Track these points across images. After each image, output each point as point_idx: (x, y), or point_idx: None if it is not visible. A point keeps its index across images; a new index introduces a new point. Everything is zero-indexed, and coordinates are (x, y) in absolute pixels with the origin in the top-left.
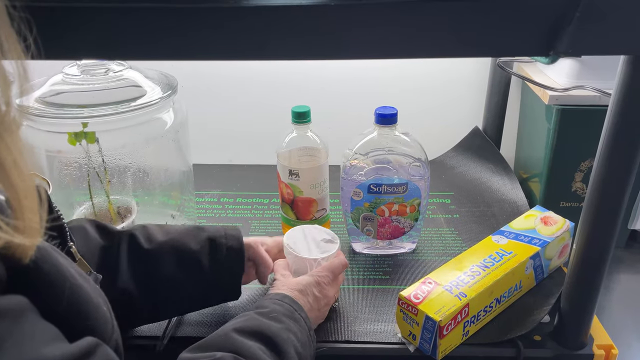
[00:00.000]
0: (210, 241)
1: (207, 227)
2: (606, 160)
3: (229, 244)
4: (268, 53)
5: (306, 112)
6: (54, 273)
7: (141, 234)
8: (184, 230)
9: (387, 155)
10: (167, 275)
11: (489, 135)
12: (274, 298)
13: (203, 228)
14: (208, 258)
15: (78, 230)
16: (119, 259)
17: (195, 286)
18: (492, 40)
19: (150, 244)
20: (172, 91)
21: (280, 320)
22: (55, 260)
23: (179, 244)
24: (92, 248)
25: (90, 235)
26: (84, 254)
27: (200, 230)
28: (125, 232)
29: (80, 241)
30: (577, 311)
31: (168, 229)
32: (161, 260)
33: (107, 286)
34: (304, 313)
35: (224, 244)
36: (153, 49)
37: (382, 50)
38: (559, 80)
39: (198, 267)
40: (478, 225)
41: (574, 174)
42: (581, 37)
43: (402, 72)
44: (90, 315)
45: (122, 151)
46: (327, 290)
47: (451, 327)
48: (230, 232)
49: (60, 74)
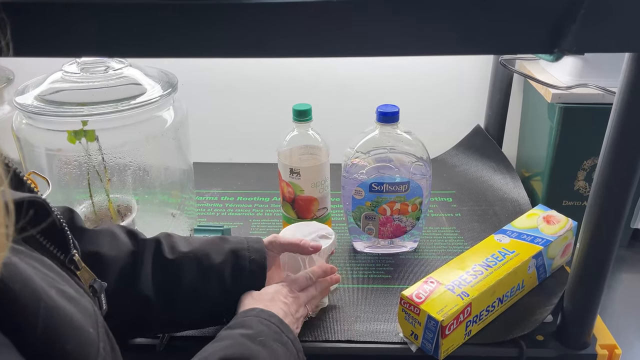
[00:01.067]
0: (232, 253)
1: (229, 239)
2: (610, 159)
3: (252, 256)
4: (269, 50)
5: (307, 110)
6: (26, 294)
7: (166, 243)
8: (206, 241)
9: (388, 153)
10: (188, 286)
11: (491, 133)
12: (261, 317)
13: (226, 239)
14: (230, 271)
15: (107, 234)
16: (142, 265)
17: (215, 298)
18: (496, 37)
19: (173, 254)
20: (172, 89)
21: (268, 345)
22: (27, 278)
23: (201, 255)
24: (122, 252)
25: (120, 238)
26: (113, 257)
27: (223, 241)
28: (152, 239)
29: (110, 244)
30: (580, 311)
31: (191, 239)
32: (183, 271)
33: (128, 291)
34: (292, 334)
35: (247, 256)
36: (153, 46)
37: (384, 47)
38: (561, 78)
39: (220, 280)
40: (480, 224)
41: (577, 173)
42: (586, 35)
43: (403, 70)
44: (70, 338)
45: (122, 149)
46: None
47: (453, 327)
48: (253, 245)
49: (60, 71)
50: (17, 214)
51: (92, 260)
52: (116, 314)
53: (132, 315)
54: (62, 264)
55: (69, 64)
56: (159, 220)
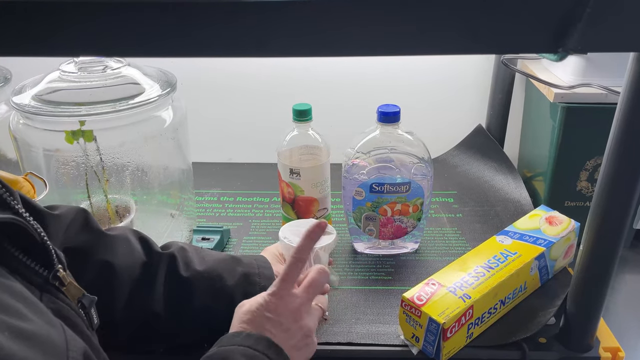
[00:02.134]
0: (244, 277)
1: (241, 259)
2: (614, 160)
3: (262, 283)
4: (269, 50)
5: (307, 110)
6: None
7: (181, 259)
8: (219, 260)
9: (389, 154)
10: (200, 306)
11: (493, 133)
12: (246, 345)
13: (238, 260)
14: (241, 295)
15: (122, 241)
16: (156, 280)
17: (223, 321)
18: (499, 36)
19: (188, 271)
20: (171, 89)
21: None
22: None
23: (215, 276)
24: (135, 262)
25: (134, 247)
26: (127, 266)
27: (236, 262)
28: (167, 253)
29: (124, 254)
30: (583, 313)
31: (204, 254)
32: (196, 290)
33: (137, 305)
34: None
35: (257, 282)
36: (152, 45)
37: (385, 47)
38: (564, 77)
39: (230, 302)
40: (482, 224)
41: (579, 173)
42: (591, 34)
43: (404, 69)
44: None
45: (120, 150)
46: (284, 308)
47: (455, 330)
48: (263, 272)
49: (57, 71)
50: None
51: (104, 269)
52: (123, 326)
53: (139, 329)
54: (46, 281)
55: (66, 63)
56: (158, 220)
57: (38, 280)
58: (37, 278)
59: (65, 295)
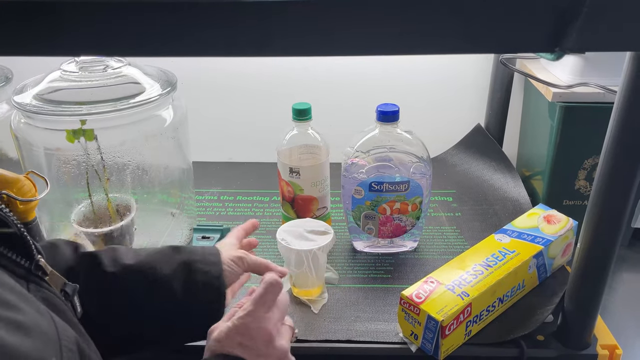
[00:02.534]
0: (184, 265)
1: (182, 249)
2: (611, 158)
3: (206, 269)
4: (269, 50)
5: (307, 109)
6: None
7: (107, 256)
8: (156, 252)
9: (388, 153)
10: (135, 302)
11: (491, 132)
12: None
13: (179, 249)
14: (181, 284)
15: (49, 248)
16: (77, 282)
17: (166, 313)
18: (497, 35)
19: (115, 267)
20: (171, 88)
21: None
22: None
23: (147, 268)
24: (60, 267)
25: (61, 252)
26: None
27: (175, 251)
28: (88, 253)
29: (50, 259)
30: (581, 311)
31: (141, 250)
32: (127, 286)
33: None
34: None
35: (200, 269)
36: (152, 45)
37: (385, 46)
38: (562, 77)
39: (169, 294)
40: (480, 223)
41: (578, 172)
42: (588, 34)
43: (403, 69)
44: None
45: (120, 149)
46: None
47: (454, 327)
48: (208, 258)
49: (58, 70)
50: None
51: None
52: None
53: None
54: (28, 272)
55: (67, 62)
56: (159, 219)
57: (20, 271)
58: (19, 269)
59: (49, 284)
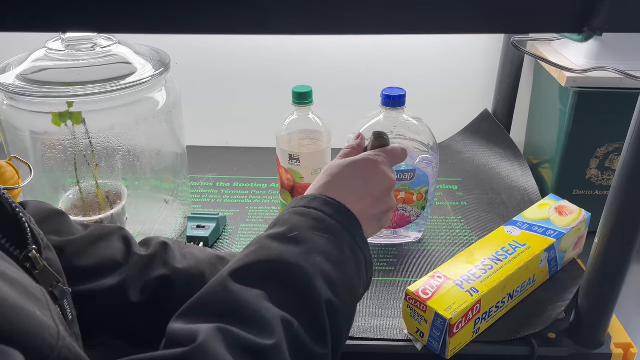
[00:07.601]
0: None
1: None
2: (637, 146)
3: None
4: (268, 27)
5: (308, 92)
6: None
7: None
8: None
9: (393, 139)
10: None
11: (499, 118)
12: (298, 205)
13: (222, 259)
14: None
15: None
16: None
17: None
18: (519, 15)
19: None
20: (164, 68)
21: (302, 241)
22: None
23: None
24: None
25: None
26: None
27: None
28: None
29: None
30: (596, 308)
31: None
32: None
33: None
34: (343, 215)
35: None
36: (144, 21)
37: (395, 25)
38: (576, 61)
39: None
40: (487, 213)
41: (589, 161)
42: (619, 12)
43: (409, 51)
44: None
45: (110, 133)
46: (383, 172)
47: (462, 325)
48: None
49: (43, 49)
50: None
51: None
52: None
53: None
54: (17, 262)
55: (53, 40)
56: (151, 207)
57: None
58: (8, 258)
59: (37, 281)
